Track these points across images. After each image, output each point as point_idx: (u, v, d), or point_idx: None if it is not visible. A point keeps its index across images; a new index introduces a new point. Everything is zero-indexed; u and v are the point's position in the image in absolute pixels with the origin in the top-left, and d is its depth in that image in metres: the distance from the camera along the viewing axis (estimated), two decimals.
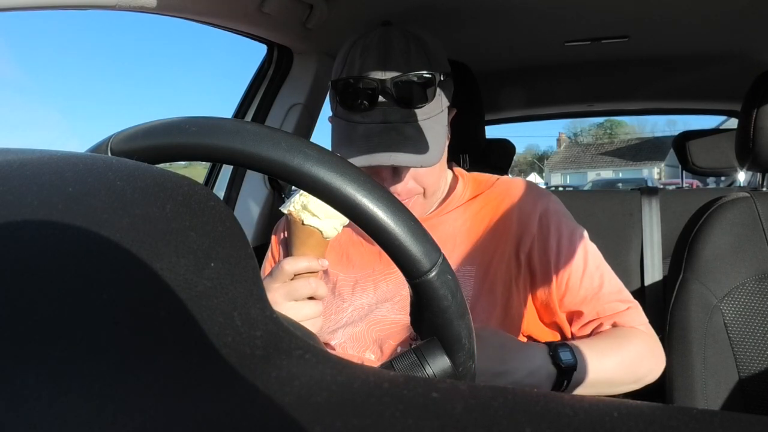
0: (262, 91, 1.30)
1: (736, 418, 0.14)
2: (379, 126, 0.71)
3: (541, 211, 0.79)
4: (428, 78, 0.72)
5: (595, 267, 0.78)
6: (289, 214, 0.62)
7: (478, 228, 0.80)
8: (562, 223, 0.79)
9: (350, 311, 0.77)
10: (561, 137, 42.50)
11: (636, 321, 0.77)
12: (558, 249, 0.78)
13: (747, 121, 0.99)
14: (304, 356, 0.19)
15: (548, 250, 0.78)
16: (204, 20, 0.99)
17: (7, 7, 0.66)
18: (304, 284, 0.61)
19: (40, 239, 0.16)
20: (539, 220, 0.79)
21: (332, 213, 0.61)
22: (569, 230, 0.79)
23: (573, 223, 0.81)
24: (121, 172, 0.20)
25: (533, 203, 0.80)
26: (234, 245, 0.21)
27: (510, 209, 0.80)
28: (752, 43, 1.41)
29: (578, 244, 0.79)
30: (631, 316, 0.77)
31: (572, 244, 0.78)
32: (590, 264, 0.78)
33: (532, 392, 0.16)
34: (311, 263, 0.62)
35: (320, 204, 0.60)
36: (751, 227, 0.86)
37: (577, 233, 0.80)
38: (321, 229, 0.61)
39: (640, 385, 0.75)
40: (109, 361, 0.14)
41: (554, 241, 0.78)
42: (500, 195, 0.82)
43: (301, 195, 0.62)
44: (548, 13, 1.24)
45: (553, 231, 0.78)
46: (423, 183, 0.76)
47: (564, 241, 0.78)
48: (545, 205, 0.80)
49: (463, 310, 0.39)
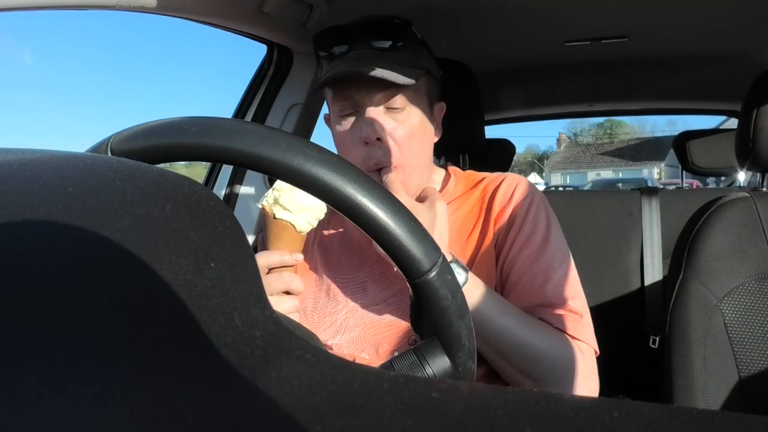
0: (262, 91, 1.30)
1: (736, 418, 0.14)
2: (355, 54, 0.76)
3: (516, 203, 0.79)
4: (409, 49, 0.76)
5: (545, 267, 0.74)
6: (262, 208, 0.62)
7: (468, 225, 0.80)
8: (529, 217, 0.77)
9: (344, 313, 0.76)
10: (561, 137, 42.52)
11: (570, 329, 0.71)
12: (514, 240, 0.76)
13: (747, 121, 0.99)
14: (304, 356, 0.19)
15: (507, 240, 0.77)
16: (204, 20, 0.99)
17: (7, 7, 0.66)
18: (278, 278, 0.61)
19: (40, 239, 0.16)
20: (511, 212, 0.78)
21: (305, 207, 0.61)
22: (533, 224, 0.77)
23: (545, 220, 0.78)
24: (121, 172, 0.20)
25: (514, 197, 0.80)
26: (234, 245, 0.21)
27: (494, 203, 0.80)
28: (752, 43, 1.41)
29: (537, 241, 0.76)
30: (563, 321, 0.71)
31: (531, 238, 0.76)
32: (541, 262, 0.75)
33: (532, 392, 0.16)
34: (284, 257, 0.62)
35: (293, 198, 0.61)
36: (751, 227, 0.86)
37: (542, 229, 0.77)
38: (293, 223, 0.61)
39: (534, 382, 0.68)
40: (109, 361, 0.14)
41: (514, 232, 0.77)
42: (489, 191, 0.82)
43: (273, 189, 0.62)
44: (548, 13, 1.24)
45: (518, 222, 0.77)
46: (404, 152, 0.76)
47: (524, 233, 0.76)
48: (522, 198, 0.79)
49: (463, 310, 0.39)
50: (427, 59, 0.81)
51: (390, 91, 0.74)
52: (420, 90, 0.78)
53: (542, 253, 0.75)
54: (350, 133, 0.77)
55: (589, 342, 0.72)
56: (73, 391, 0.13)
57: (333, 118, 0.80)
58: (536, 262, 0.75)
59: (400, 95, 0.75)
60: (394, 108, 0.76)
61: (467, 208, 0.82)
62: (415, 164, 0.78)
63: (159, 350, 0.16)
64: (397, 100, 0.75)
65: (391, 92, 0.75)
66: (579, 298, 0.75)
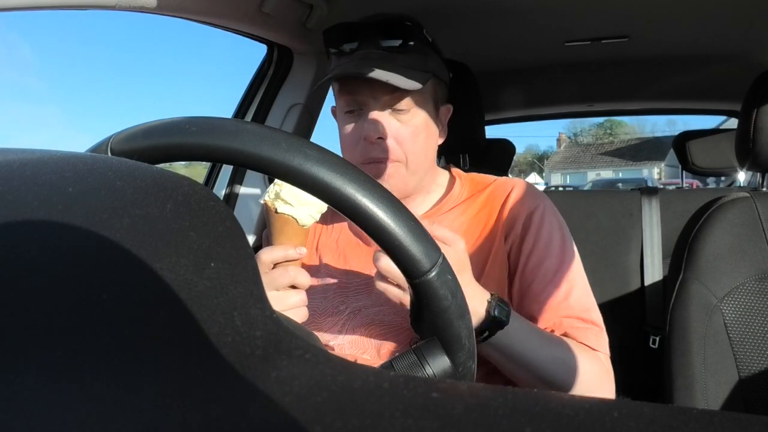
0: (262, 91, 1.30)
1: (736, 418, 0.14)
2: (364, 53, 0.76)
3: (529, 212, 0.79)
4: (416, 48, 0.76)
5: (566, 278, 0.75)
6: (264, 203, 0.63)
7: (475, 229, 0.80)
8: (544, 226, 0.78)
9: (347, 313, 0.76)
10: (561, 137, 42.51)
11: (592, 342, 0.74)
12: (531, 250, 0.76)
13: (747, 121, 0.99)
14: (304, 356, 0.19)
15: (522, 251, 0.77)
16: (204, 20, 0.99)
17: (7, 7, 0.66)
18: (283, 273, 0.61)
19: (41, 239, 0.16)
20: (524, 220, 0.78)
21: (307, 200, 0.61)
22: (549, 234, 0.78)
23: (559, 229, 0.79)
24: (121, 172, 0.20)
25: (525, 204, 0.79)
26: (234, 245, 0.21)
27: (504, 210, 0.80)
28: (752, 43, 1.41)
29: (555, 250, 0.77)
30: (586, 335, 0.74)
31: (549, 247, 0.77)
32: (561, 273, 0.76)
33: (532, 392, 0.16)
34: (288, 251, 0.62)
35: (294, 192, 0.61)
36: (751, 227, 0.86)
37: (558, 239, 0.78)
38: (296, 217, 0.62)
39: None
40: (109, 361, 0.14)
41: (530, 242, 0.77)
42: (497, 196, 0.82)
43: (274, 184, 0.62)
44: (548, 13, 1.24)
45: (533, 231, 0.77)
46: (405, 149, 0.76)
47: (540, 243, 0.77)
48: (534, 206, 0.79)
49: (463, 310, 0.39)
50: (436, 62, 0.80)
51: (396, 94, 0.75)
52: (426, 93, 0.78)
53: (562, 263, 0.76)
54: (354, 131, 0.78)
55: (606, 352, 0.75)
56: (73, 391, 0.13)
57: (339, 111, 0.81)
58: (558, 273, 0.76)
59: (406, 98, 0.76)
60: (399, 110, 0.76)
61: (473, 212, 0.82)
62: (417, 162, 0.78)
63: (159, 350, 0.16)
64: (402, 103, 0.76)
65: (397, 96, 0.75)
66: (595, 308, 0.78)
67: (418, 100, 0.77)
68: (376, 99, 0.75)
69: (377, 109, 0.76)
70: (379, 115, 0.75)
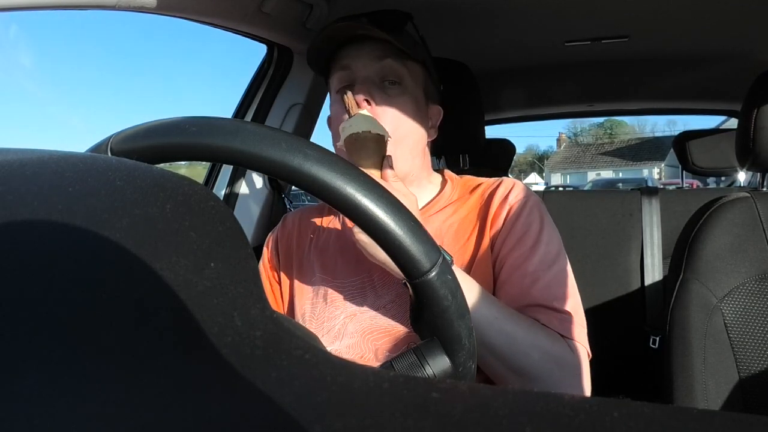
0: (262, 91, 1.30)
1: (736, 418, 0.14)
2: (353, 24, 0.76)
3: (510, 206, 0.78)
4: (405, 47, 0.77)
5: (535, 268, 0.73)
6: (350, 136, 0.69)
7: (465, 229, 0.79)
8: (521, 218, 0.77)
9: (342, 319, 0.75)
10: (561, 137, 42.52)
11: (556, 326, 0.70)
12: (505, 240, 0.76)
13: (747, 121, 0.99)
14: (304, 356, 0.19)
15: (497, 241, 0.76)
16: (204, 20, 0.99)
17: (7, 6, 0.66)
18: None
19: (40, 239, 0.16)
20: (506, 215, 0.78)
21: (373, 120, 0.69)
22: (526, 226, 0.76)
23: (539, 223, 0.77)
24: (121, 172, 0.20)
25: (509, 200, 0.79)
26: (234, 245, 0.21)
27: (490, 209, 0.79)
28: (752, 43, 1.41)
29: (528, 242, 0.75)
30: (549, 319, 0.70)
31: (523, 238, 0.75)
32: (529, 263, 0.74)
33: (532, 392, 0.16)
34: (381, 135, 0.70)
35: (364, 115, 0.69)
36: (751, 227, 0.86)
37: (535, 231, 0.76)
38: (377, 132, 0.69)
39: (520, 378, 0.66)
40: (109, 361, 0.14)
41: (505, 233, 0.76)
42: (485, 196, 0.82)
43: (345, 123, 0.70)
44: (548, 13, 1.24)
45: (509, 223, 0.77)
46: (392, 121, 0.76)
47: (514, 234, 0.75)
48: (516, 200, 0.79)
49: (463, 310, 0.39)
50: (426, 56, 0.82)
51: (387, 61, 0.77)
52: (417, 77, 0.80)
53: (532, 254, 0.74)
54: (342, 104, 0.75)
55: (580, 341, 0.71)
56: (73, 391, 0.13)
57: (332, 94, 0.82)
58: (526, 262, 0.74)
59: (397, 70, 0.78)
60: (390, 81, 0.78)
61: (464, 212, 0.81)
62: (403, 141, 0.77)
63: (159, 350, 0.16)
64: (392, 73, 0.78)
65: (387, 65, 0.77)
66: (571, 300, 0.73)
67: (408, 78, 0.79)
68: (365, 65, 0.77)
69: (368, 75, 0.77)
70: (370, 82, 0.77)
